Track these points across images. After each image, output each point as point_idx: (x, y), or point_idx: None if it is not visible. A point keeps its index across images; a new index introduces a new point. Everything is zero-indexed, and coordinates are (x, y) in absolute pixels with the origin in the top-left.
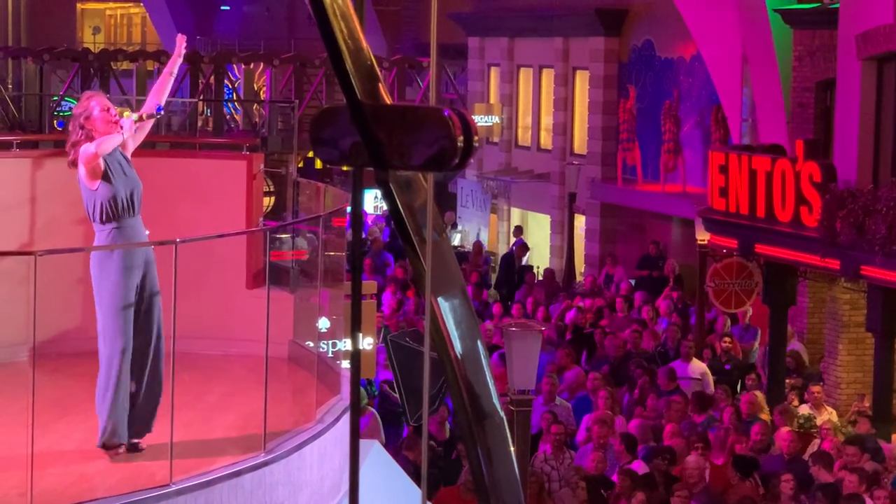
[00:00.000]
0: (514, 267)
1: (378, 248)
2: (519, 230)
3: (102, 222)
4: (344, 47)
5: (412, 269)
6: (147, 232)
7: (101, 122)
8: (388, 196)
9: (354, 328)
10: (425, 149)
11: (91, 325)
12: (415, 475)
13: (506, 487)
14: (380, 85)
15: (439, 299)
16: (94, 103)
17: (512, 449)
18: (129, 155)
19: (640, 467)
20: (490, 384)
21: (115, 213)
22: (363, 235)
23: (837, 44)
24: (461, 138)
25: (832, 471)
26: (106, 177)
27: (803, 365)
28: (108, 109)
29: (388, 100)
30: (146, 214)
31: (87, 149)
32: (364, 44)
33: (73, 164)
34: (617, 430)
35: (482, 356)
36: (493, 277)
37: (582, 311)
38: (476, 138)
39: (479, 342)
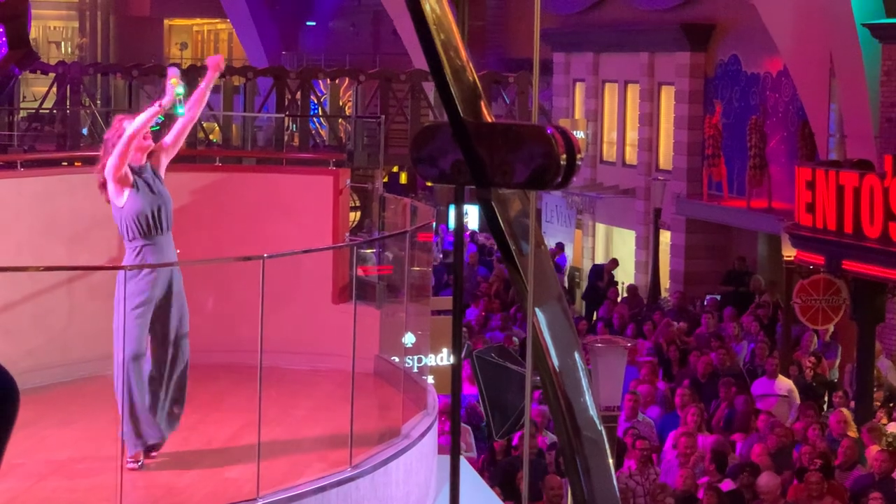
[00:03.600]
0: (599, 283)
1: (471, 264)
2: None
3: (130, 240)
4: (446, 64)
5: (512, 283)
6: (178, 251)
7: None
8: (489, 213)
9: (456, 343)
10: (527, 167)
11: None
12: None
13: (603, 501)
14: (482, 102)
15: (538, 311)
16: (127, 124)
17: (610, 462)
18: (161, 172)
19: (727, 486)
20: (588, 397)
21: (142, 230)
22: (451, 250)
23: None
24: (564, 156)
25: None
26: (133, 193)
27: (893, 382)
28: (143, 140)
29: (489, 117)
30: (234, 229)
31: (121, 136)
32: (467, 62)
33: (102, 186)
34: (701, 448)
35: (580, 369)
36: (578, 293)
37: (669, 329)
38: (579, 156)
39: (577, 354)
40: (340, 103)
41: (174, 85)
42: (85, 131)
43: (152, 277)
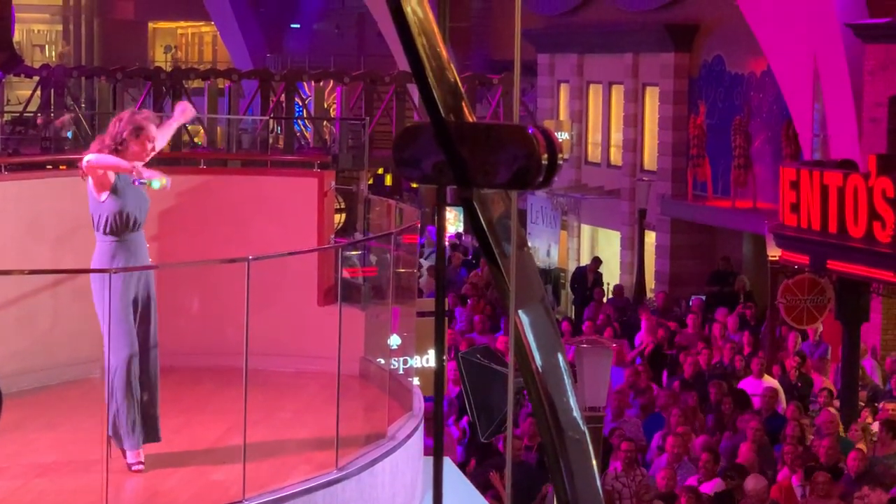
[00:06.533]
0: (585, 284)
1: (454, 265)
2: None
3: (106, 234)
4: (428, 66)
5: (495, 285)
6: (146, 246)
7: (135, 148)
8: (471, 214)
9: (439, 344)
10: (509, 167)
11: (167, 341)
12: None
13: (587, 502)
14: (463, 103)
15: (520, 313)
16: (132, 124)
17: (594, 463)
18: None
19: (714, 486)
20: (571, 398)
21: (120, 227)
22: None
23: None
24: (545, 156)
25: None
26: (115, 191)
27: (876, 381)
28: (147, 143)
29: (471, 117)
30: (219, 232)
31: (90, 158)
32: (448, 62)
33: (84, 176)
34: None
35: (563, 370)
36: (563, 294)
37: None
38: (561, 156)
39: (559, 355)
40: (325, 105)
41: (153, 183)
42: (69, 134)
43: (126, 275)
